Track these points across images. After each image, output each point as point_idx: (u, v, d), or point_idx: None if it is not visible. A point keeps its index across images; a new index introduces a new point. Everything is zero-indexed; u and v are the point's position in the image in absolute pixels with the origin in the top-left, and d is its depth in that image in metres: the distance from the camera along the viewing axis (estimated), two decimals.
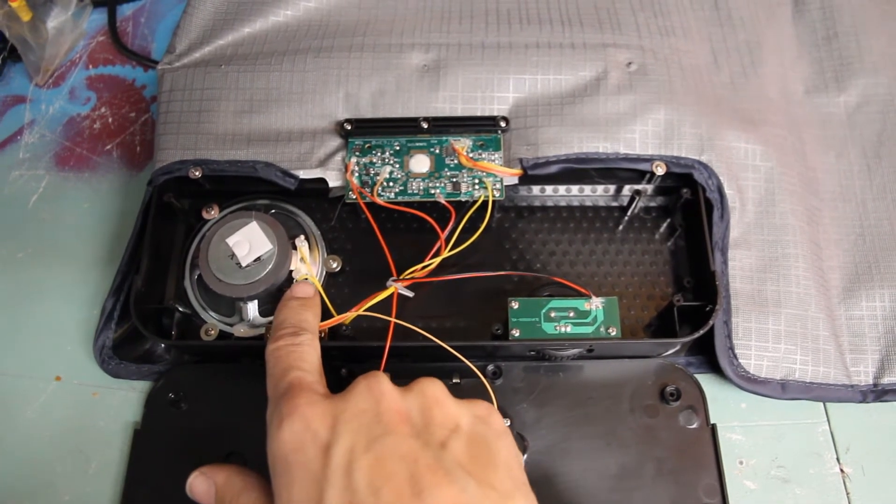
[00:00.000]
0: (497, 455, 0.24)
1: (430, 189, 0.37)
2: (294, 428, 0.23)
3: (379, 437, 0.23)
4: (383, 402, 0.24)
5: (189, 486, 0.26)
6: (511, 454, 0.25)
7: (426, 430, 0.24)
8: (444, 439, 0.24)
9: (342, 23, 0.42)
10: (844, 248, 0.39)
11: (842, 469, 0.35)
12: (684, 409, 0.35)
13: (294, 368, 0.26)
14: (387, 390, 0.25)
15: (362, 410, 0.24)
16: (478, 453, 0.24)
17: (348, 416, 0.23)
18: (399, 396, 0.25)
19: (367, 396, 0.24)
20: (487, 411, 0.26)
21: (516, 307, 0.34)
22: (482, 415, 0.25)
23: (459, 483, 0.22)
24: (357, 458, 0.22)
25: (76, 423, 0.36)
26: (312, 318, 0.30)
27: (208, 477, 0.26)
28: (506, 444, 0.25)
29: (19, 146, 0.44)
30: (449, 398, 0.25)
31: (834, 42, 0.43)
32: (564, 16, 0.41)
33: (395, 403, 0.24)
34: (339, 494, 0.22)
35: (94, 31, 0.49)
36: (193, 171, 0.37)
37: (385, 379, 0.25)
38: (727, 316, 0.35)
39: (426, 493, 0.21)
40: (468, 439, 0.24)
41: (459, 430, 0.24)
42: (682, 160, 0.37)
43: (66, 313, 0.39)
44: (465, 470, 0.23)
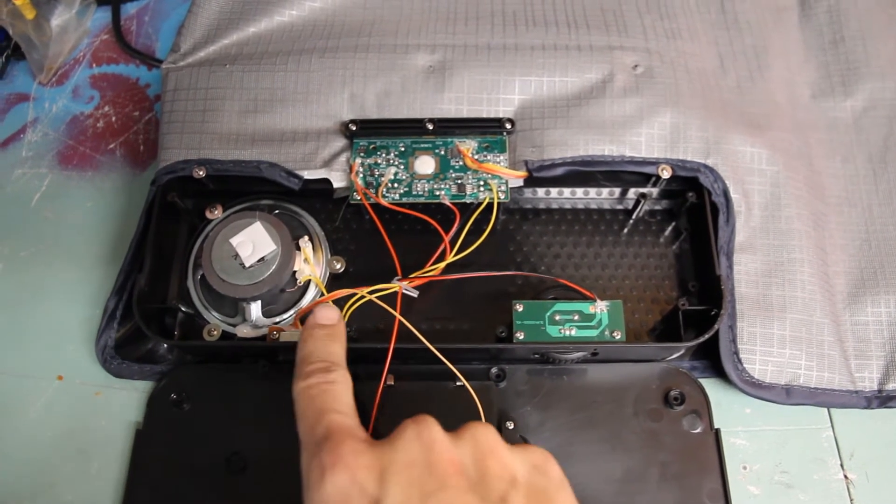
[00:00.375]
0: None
1: (435, 190, 0.37)
2: (338, 481, 0.22)
3: (433, 491, 0.21)
4: (434, 451, 0.22)
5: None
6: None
7: (482, 483, 0.22)
8: (503, 494, 0.22)
9: (347, 23, 0.42)
10: (850, 253, 0.39)
11: (846, 475, 0.35)
12: (688, 413, 0.34)
13: (330, 411, 0.24)
14: (438, 438, 0.23)
15: (412, 461, 0.22)
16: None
17: (398, 467, 0.22)
18: (451, 445, 0.23)
19: (417, 445, 0.23)
20: (544, 459, 0.24)
21: (521, 310, 0.34)
22: (539, 464, 0.24)
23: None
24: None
25: (78, 423, 0.36)
26: (340, 350, 0.28)
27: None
28: (565, 496, 0.24)
29: (22, 144, 0.44)
30: (503, 446, 0.24)
31: (841, 46, 0.43)
32: (570, 18, 0.41)
33: (448, 453, 0.23)
34: None
35: (98, 29, 0.48)
36: (197, 171, 0.37)
37: (435, 425, 0.24)
38: (732, 320, 0.35)
39: None
40: (527, 493, 0.23)
41: (517, 482, 0.23)
42: (688, 164, 0.37)
43: (69, 313, 0.39)
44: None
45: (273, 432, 0.34)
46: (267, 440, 0.34)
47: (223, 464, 0.34)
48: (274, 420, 0.35)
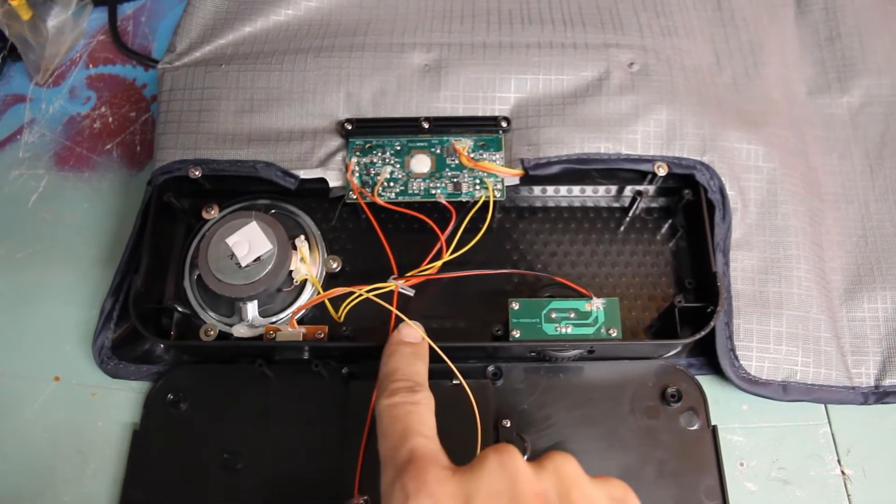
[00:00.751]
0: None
1: (431, 189, 0.37)
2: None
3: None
4: (519, 482, 0.22)
5: None
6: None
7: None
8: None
9: (343, 22, 0.42)
10: (846, 249, 0.39)
11: (843, 471, 0.35)
12: (685, 410, 0.34)
13: (415, 434, 0.24)
14: (521, 468, 0.23)
15: (497, 491, 0.22)
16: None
17: (482, 497, 0.22)
18: (534, 476, 0.23)
19: (501, 475, 0.22)
20: (624, 493, 0.25)
21: (517, 308, 0.34)
22: (620, 497, 0.24)
23: None
24: None
25: (75, 424, 0.36)
26: (424, 370, 0.28)
27: None
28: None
29: (19, 145, 0.44)
30: (585, 479, 0.24)
31: (837, 43, 0.43)
32: (566, 16, 0.41)
33: (532, 485, 0.22)
34: None
35: (95, 30, 0.48)
36: (193, 171, 0.37)
37: (517, 454, 0.24)
38: (728, 317, 0.35)
39: None
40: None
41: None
42: (684, 161, 0.37)
43: (66, 313, 0.39)
44: None
45: (270, 432, 0.34)
46: (263, 440, 0.34)
47: (220, 464, 0.34)
48: (270, 420, 0.35)
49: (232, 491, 0.33)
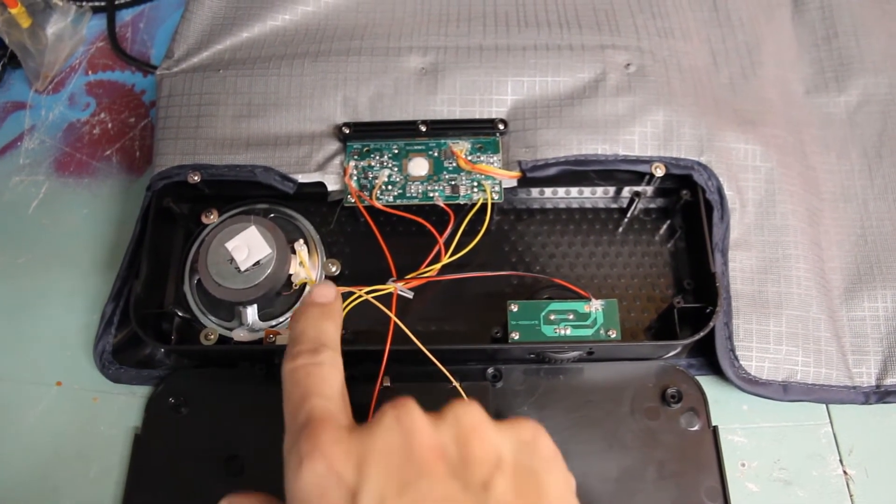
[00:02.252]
0: (548, 489, 0.22)
1: (429, 192, 0.37)
2: (316, 469, 0.21)
3: (412, 480, 0.20)
4: (415, 437, 0.21)
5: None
6: (562, 485, 0.22)
7: (465, 467, 0.21)
8: (487, 478, 0.21)
9: (340, 27, 0.42)
10: (846, 248, 0.39)
11: (845, 471, 0.34)
12: (685, 411, 0.34)
13: (314, 395, 0.24)
14: (418, 422, 0.22)
15: (392, 448, 0.21)
16: (525, 490, 0.21)
17: (377, 455, 0.21)
18: (432, 429, 0.22)
19: (397, 431, 0.22)
20: (533, 435, 0.23)
21: (515, 310, 0.34)
22: (527, 440, 0.23)
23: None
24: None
25: (77, 429, 0.36)
26: (334, 330, 0.27)
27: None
28: (557, 474, 0.23)
29: (19, 152, 0.45)
30: (488, 425, 0.23)
31: (834, 42, 0.43)
32: (563, 18, 0.41)
33: (429, 438, 0.22)
34: None
35: (94, 36, 0.49)
36: (192, 176, 0.37)
37: (415, 408, 0.22)
38: (728, 317, 0.35)
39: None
40: (514, 475, 0.22)
41: (503, 463, 0.22)
42: (682, 161, 0.37)
43: (67, 318, 0.39)
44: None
45: (271, 435, 0.34)
46: (265, 443, 0.34)
47: (222, 467, 0.34)
48: (272, 423, 0.35)
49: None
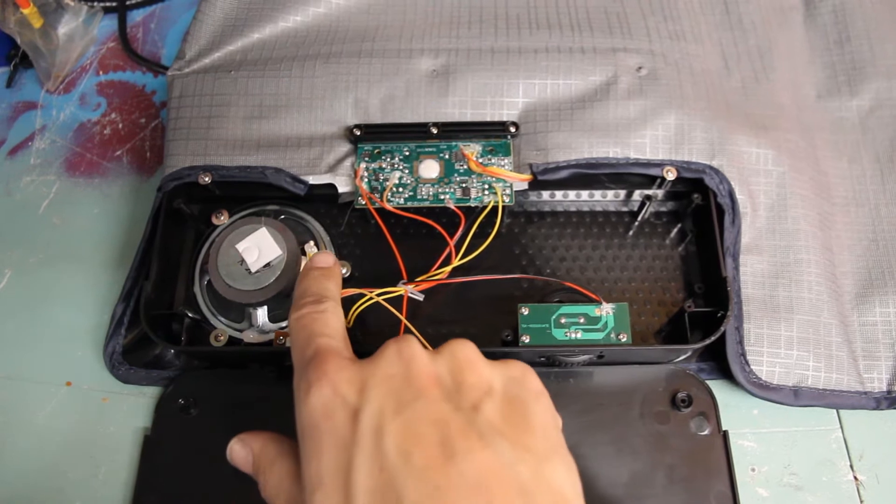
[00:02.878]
0: (533, 417, 0.23)
1: (440, 194, 0.37)
2: (322, 394, 0.23)
3: (409, 401, 0.22)
4: (413, 365, 0.23)
5: (229, 451, 0.27)
6: (548, 416, 0.24)
7: (457, 392, 0.23)
8: (477, 402, 0.23)
9: (351, 28, 0.42)
10: (857, 253, 0.38)
11: (855, 476, 0.34)
12: (696, 415, 0.34)
13: (319, 335, 0.26)
14: (417, 353, 0.24)
15: (391, 374, 0.23)
16: (512, 415, 0.23)
17: (377, 380, 0.23)
18: (429, 360, 0.24)
19: (397, 360, 0.24)
20: (522, 372, 0.25)
21: (526, 313, 0.34)
22: (517, 376, 0.25)
23: (493, 446, 0.21)
24: (387, 423, 0.22)
25: (86, 429, 0.36)
26: (334, 287, 0.29)
27: (246, 444, 0.26)
28: (542, 406, 0.24)
29: (30, 152, 0.45)
30: (481, 360, 0.25)
31: (846, 46, 0.43)
32: (574, 20, 0.41)
33: (426, 367, 0.23)
34: (368, 459, 0.21)
35: (105, 37, 0.49)
36: (203, 177, 0.37)
37: (415, 342, 0.24)
38: (739, 322, 0.35)
39: (459, 456, 0.21)
40: (502, 401, 0.23)
41: (493, 391, 0.23)
42: (693, 165, 0.37)
43: (77, 319, 0.39)
44: (499, 433, 0.22)
45: None
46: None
47: (230, 468, 0.34)
48: (281, 425, 0.35)
49: (243, 496, 0.33)
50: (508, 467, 0.21)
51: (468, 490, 0.20)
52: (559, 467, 0.22)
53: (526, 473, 0.21)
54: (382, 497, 0.20)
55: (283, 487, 0.24)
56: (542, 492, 0.21)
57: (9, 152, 0.45)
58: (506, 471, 0.21)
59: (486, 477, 0.21)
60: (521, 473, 0.21)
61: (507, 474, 0.21)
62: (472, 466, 0.21)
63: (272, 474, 0.25)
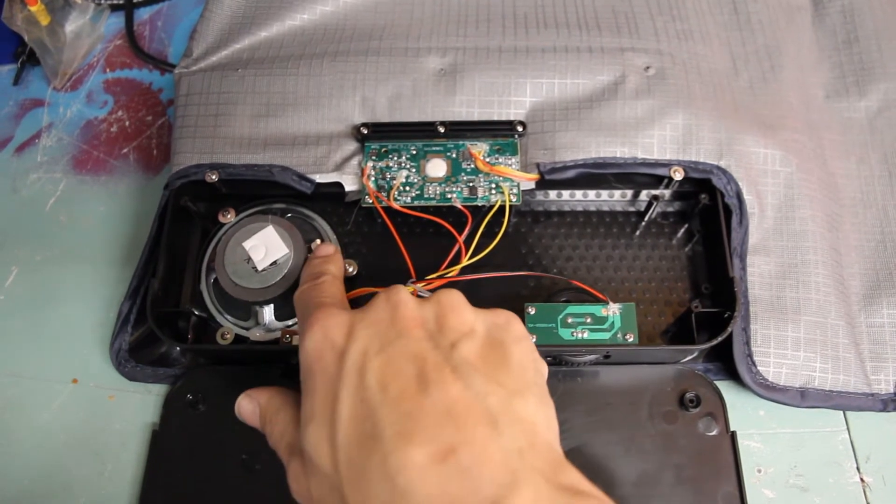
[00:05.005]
0: (510, 357, 0.24)
1: (447, 193, 0.37)
2: (315, 338, 0.24)
3: (392, 340, 0.24)
4: (399, 309, 0.25)
5: (237, 407, 0.28)
6: (527, 357, 0.25)
7: (439, 332, 0.24)
8: (456, 341, 0.24)
9: (359, 27, 0.42)
10: (865, 254, 0.38)
11: (862, 478, 0.34)
12: (703, 415, 0.34)
13: (317, 298, 0.28)
14: (404, 299, 0.25)
15: (378, 319, 0.24)
16: (490, 354, 0.24)
17: (364, 324, 0.24)
18: (416, 305, 0.25)
19: (385, 306, 0.25)
20: (507, 319, 0.26)
21: (533, 313, 0.34)
22: (500, 322, 0.26)
23: (465, 379, 0.22)
24: (369, 360, 0.23)
25: (92, 426, 0.36)
26: (334, 269, 0.31)
27: (253, 398, 0.28)
28: (522, 348, 0.25)
29: (37, 149, 0.45)
30: (466, 306, 0.26)
31: (855, 46, 0.43)
32: (582, 20, 0.41)
33: (411, 311, 0.25)
34: (352, 392, 0.23)
35: (112, 34, 0.49)
36: (210, 175, 0.37)
37: (404, 290, 0.26)
38: (746, 323, 0.35)
39: (431, 387, 0.22)
40: (482, 342, 0.24)
41: (474, 333, 0.25)
42: (701, 165, 0.37)
43: (83, 316, 0.39)
44: (474, 368, 0.23)
45: None
46: None
47: (238, 464, 0.34)
48: None
49: (250, 491, 0.33)
50: (478, 398, 0.22)
51: (437, 417, 0.21)
52: (530, 402, 0.23)
53: (495, 404, 0.22)
54: (362, 424, 0.22)
55: (287, 433, 0.25)
56: (511, 421, 0.22)
57: (16, 149, 0.45)
58: (475, 401, 0.22)
59: (455, 406, 0.22)
60: (491, 404, 0.22)
61: (475, 404, 0.22)
62: (443, 396, 0.22)
63: (277, 423, 0.26)
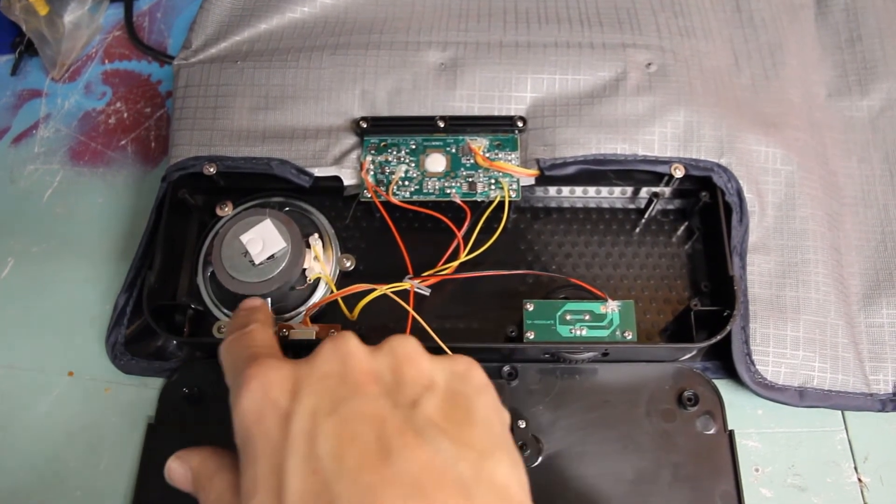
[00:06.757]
0: (475, 412, 0.22)
1: (446, 189, 0.37)
2: (254, 397, 0.22)
3: (345, 398, 0.21)
4: (350, 362, 0.22)
5: (167, 471, 0.25)
6: (491, 410, 0.23)
7: (397, 388, 0.22)
8: (416, 397, 0.22)
9: (359, 20, 0.42)
10: (865, 254, 0.38)
11: (860, 478, 0.34)
12: (702, 414, 0.34)
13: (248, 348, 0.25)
14: (354, 350, 0.23)
15: (327, 373, 0.22)
16: (453, 411, 0.22)
17: (311, 379, 0.22)
18: (368, 356, 0.23)
19: (333, 358, 0.22)
20: (467, 367, 0.24)
21: (531, 309, 0.34)
22: (460, 371, 0.23)
23: (432, 443, 0.20)
24: (320, 423, 0.20)
25: (88, 419, 0.36)
26: (262, 316, 0.28)
27: (184, 461, 0.25)
28: (486, 400, 0.23)
29: (35, 140, 0.44)
30: (423, 355, 0.23)
31: (857, 45, 0.43)
32: (584, 15, 0.41)
33: (363, 363, 0.22)
34: (301, 463, 0.20)
35: (111, 25, 0.48)
36: (208, 168, 0.37)
37: (353, 338, 0.23)
38: (745, 321, 0.35)
39: (395, 455, 0.20)
40: (443, 396, 0.22)
41: (434, 387, 0.22)
42: (702, 163, 0.37)
43: (80, 308, 0.39)
44: (439, 429, 0.21)
45: None
46: None
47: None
48: None
49: None
50: (447, 465, 0.20)
51: (404, 489, 0.19)
52: (502, 462, 0.21)
53: (466, 470, 0.20)
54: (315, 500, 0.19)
55: (223, 502, 0.23)
56: (484, 489, 0.20)
57: (13, 140, 0.44)
58: (444, 468, 0.20)
59: (423, 475, 0.19)
60: (462, 471, 0.20)
61: (445, 472, 0.20)
62: (408, 465, 0.20)
63: (212, 489, 0.23)
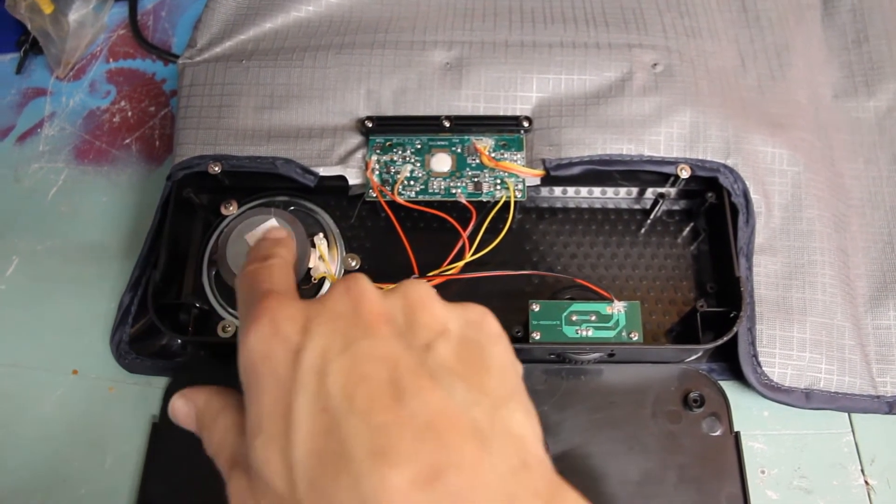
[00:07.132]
0: (490, 359, 0.22)
1: (452, 188, 0.37)
2: (262, 332, 0.21)
3: (357, 339, 0.20)
4: (363, 303, 0.21)
5: (170, 409, 0.24)
6: (506, 359, 0.22)
7: (410, 331, 0.21)
8: (429, 341, 0.21)
9: (364, 19, 0.42)
10: (872, 255, 0.38)
11: (866, 481, 0.34)
12: (707, 415, 0.34)
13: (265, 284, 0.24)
14: (367, 291, 0.22)
15: (338, 312, 0.21)
16: (468, 357, 0.21)
17: (323, 318, 0.21)
18: (381, 298, 0.22)
19: (345, 298, 0.22)
20: (481, 315, 0.23)
21: (537, 310, 0.34)
22: (474, 319, 0.23)
23: (446, 387, 0.20)
24: (331, 362, 0.20)
25: (92, 418, 0.36)
26: (285, 252, 0.27)
27: (188, 399, 0.24)
28: (500, 348, 0.22)
29: (39, 139, 0.44)
30: (436, 300, 0.23)
31: (864, 45, 0.43)
32: (589, 15, 0.41)
33: (376, 304, 0.22)
34: (310, 401, 0.19)
35: (115, 24, 0.48)
36: (213, 167, 0.37)
37: (365, 280, 0.23)
38: (751, 323, 0.35)
39: (408, 395, 0.19)
40: (457, 343, 0.21)
41: (447, 332, 0.22)
42: (708, 163, 0.37)
43: (84, 307, 0.39)
44: (453, 373, 0.20)
45: None
46: None
47: None
48: None
49: None
50: (462, 409, 0.19)
51: (416, 431, 0.18)
52: (518, 412, 0.21)
53: (481, 417, 0.19)
54: (325, 440, 0.18)
55: (227, 441, 0.22)
56: (499, 436, 0.19)
57: (18, 139, 0.44)
58: (459, 413, 0.19)
59: (437, 418, 0.19)
60: (476, 416, 0.19)
61: (460, 416, 0.19)
62: (422, 407, 0.19)
63: (216, 428, 0.23)
